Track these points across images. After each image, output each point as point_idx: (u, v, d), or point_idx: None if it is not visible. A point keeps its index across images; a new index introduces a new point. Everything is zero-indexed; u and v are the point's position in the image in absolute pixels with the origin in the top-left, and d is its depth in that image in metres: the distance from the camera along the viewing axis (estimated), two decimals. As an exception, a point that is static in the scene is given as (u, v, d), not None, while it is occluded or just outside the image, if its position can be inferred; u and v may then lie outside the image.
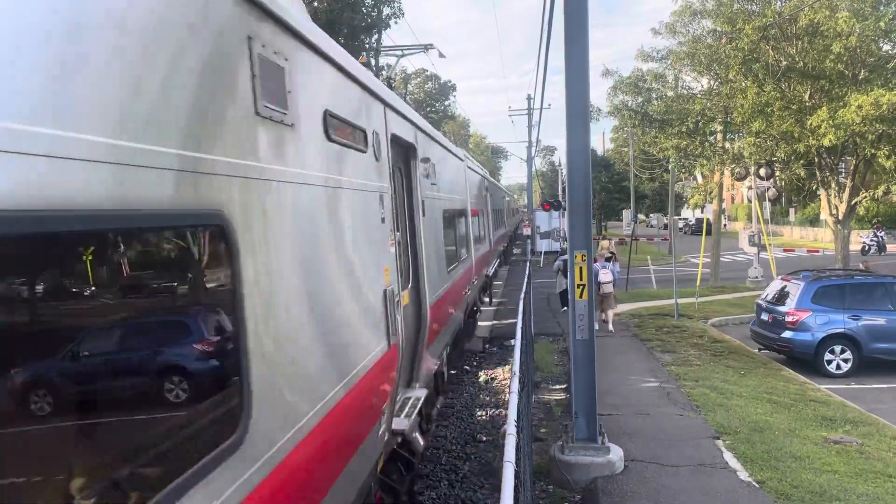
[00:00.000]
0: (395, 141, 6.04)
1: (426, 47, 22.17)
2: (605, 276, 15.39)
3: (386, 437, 5.05)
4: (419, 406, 5.99)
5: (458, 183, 11.89)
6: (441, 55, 24.01)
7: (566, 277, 16.64)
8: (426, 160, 7.70)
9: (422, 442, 6.42)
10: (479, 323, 16.94)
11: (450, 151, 10.82)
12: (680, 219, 64.09)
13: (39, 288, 1.88)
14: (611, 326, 15.80)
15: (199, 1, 2.51)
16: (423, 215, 7.18)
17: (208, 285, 2.62)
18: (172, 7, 2.32)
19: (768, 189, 21.97)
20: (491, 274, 20.63)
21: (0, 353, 1.65)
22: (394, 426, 5.30)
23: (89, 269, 2.02)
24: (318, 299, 3.55)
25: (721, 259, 27.26)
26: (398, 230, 6.02)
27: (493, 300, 21.58)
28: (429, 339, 6.94)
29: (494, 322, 18.18)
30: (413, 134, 6.95)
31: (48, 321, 1.92)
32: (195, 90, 2.41)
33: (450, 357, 10.56)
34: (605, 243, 22.94)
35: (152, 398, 2.31)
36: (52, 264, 1.91)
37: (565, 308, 17.53)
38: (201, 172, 2.37)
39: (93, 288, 2.06)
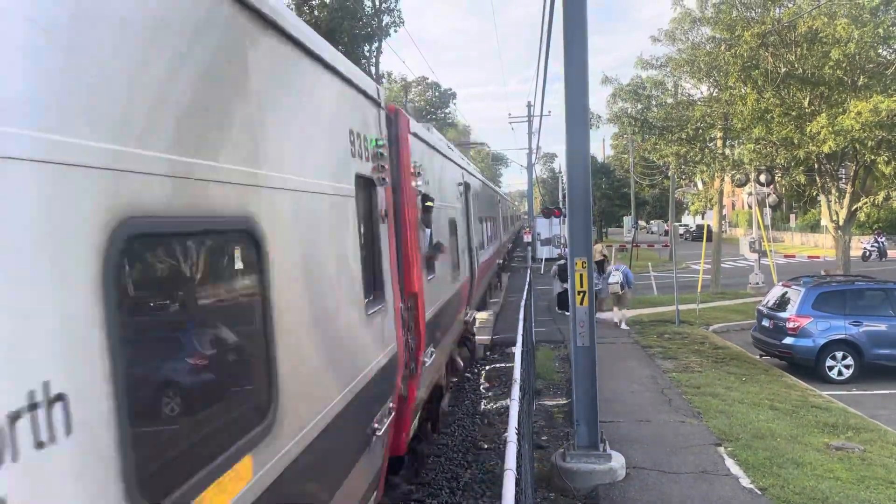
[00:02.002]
0: None
1: (481, 144, 25.84)
2: (612, 277, 17.52)
3: None
4: None
5: None
6: (489, 149, 30.15)
7: (562, 281, 17.37)
8: None
9: None
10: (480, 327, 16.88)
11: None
12: (680, 225, 64.11)
13: None
14: (617, 322, 17.55)
15: None
16: None
17: None
18: None
19: (769, 195, 21.99)
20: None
21: None
22: None
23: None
24: None
25: (722, 265, 27.22)
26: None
27: (493, 303, 21.49)
28: None
29: (495, 327, 18.13)
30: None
31: None
32: None
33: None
34: (598, 247, 23.16)
35: None
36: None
37: (562, 312, 17.90)
38: None
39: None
